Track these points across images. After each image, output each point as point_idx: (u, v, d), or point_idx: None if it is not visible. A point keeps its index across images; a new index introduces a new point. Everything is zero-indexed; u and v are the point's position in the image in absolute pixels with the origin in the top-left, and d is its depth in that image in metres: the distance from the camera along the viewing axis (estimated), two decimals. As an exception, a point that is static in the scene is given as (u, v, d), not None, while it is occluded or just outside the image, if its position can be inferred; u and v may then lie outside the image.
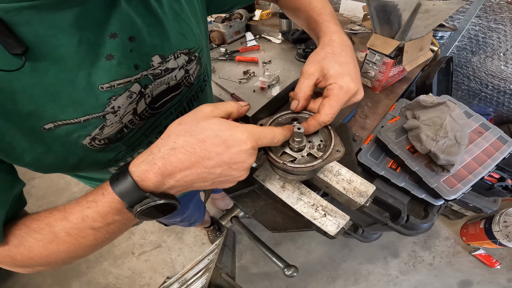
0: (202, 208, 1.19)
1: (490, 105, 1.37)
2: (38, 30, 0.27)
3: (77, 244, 0.32)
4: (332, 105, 0.35)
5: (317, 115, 0.36)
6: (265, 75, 0.88)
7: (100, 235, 0.32)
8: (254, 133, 0.28)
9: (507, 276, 1.42)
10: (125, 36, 0.34)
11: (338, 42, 0.41)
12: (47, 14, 0.27)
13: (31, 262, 0.33)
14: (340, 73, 0.36)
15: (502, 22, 1.10)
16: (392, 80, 0.91)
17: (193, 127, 0.28)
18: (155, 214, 0.30)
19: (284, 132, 0.33)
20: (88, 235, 0.31)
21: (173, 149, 0.27)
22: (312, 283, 1.47)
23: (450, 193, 0.66)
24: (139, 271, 1.57)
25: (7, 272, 1.58)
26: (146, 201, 0.27)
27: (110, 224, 0.31)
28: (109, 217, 0.30)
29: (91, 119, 0.35)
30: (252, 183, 0.46)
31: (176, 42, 0.41)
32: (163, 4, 0.38)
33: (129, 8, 0.34)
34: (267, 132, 0.30)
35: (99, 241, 0.33)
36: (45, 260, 0.33)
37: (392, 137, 0.74)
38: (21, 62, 0.26)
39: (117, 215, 0.30)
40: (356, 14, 1.41)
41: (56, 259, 0.33)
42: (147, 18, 0.37)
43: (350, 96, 0.36)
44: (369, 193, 0.40)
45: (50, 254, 0.32)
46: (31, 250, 0.31)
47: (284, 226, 0.45)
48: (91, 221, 0.30)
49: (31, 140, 0.32)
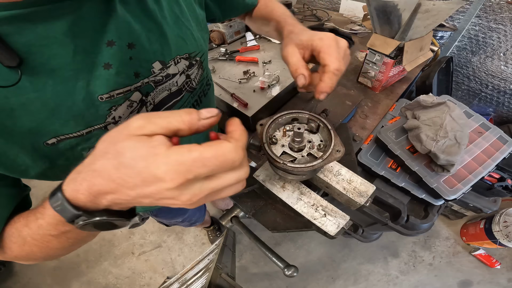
0: (202, 208, 1.20)
1: (490, 105, 1.37)
2: (31, 40, 0.26)
3: (45, 246, 0.31)
4: (330, 52, 0.36)
5: (326, 67, 0.36)
6: (265, 75, 0.88)
7: (63, 240, 0.31)
8: (180, 165, 0.19)
9: (507, 276, 1.42)
10: (124, 44, 0.33)
11: (295, 29, 0.46)
12: (39, 23, 0.26)
13: (18, 259, 0.34)
14: (312, 34, 0.39)
15: (502, 22, 1.10)
16: (392, 80, 0.91)
17: (110, 148, 0.21)
18: (107, 227, 0.27)
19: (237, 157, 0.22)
20: (51, 241, 0.30)
21: (94, 171, 0.22)
22: (312, 283, 1.47)
23: (450, 193, 0.66)
24: (139, 271, 1.57)
25: (7, 272, 1.59)
26: (82, 218, 0.24)
27: (66, 233, 0.29)
28: (60, 227, 0.28)
29: (93, 131, 0.34)
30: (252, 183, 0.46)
31: (176, 47, 0.40)
32: (163, 7, 0.37)
33: (127, 13, 0.33)
34: (207, 158, 0.20)
35: (67, 245, 0.32)
36: (28, 258, 0.34)
37: (392, 137, 0.74)
38: (17, 76, 0.25)
39: (66, 226, 0.27)
40: (356, 14, 1.41)
41: (37, 257, 0.34)
42: (146, 23, 0.36)
43: (334, 40, 0.37)
44: (369, 193, 0.40)
45: (28, 254, 0.33)
46: (13, 251, 0.33)
47: (284, 226, 0.45)
48: (46, 229, 0.29)
49: (34, 157, 0.31)
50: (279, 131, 0.41)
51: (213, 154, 0.20)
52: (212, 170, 0.20)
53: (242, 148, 0.22)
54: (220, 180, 0.22)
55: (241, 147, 0.22)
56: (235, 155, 0.21)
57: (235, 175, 0.22)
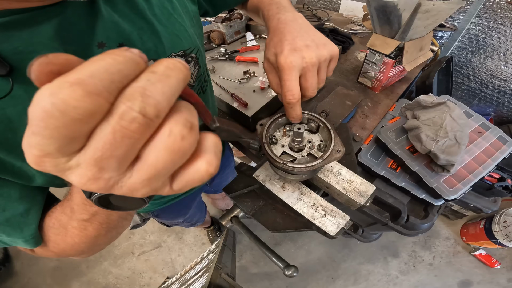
0: (203, 208, 1.20)
1: (490, 105, 1.37)
2: (18, 47, 0.26)
3: (84, 236, 0.32)
4: (283, 84, 0.35)
5: (283, 98, 0.36)
6: (265, 75, 0.88)
7: (96, 226, 0.31)
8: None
9: (507, 276, 1.42)
10: (114, 45, 0.33)
11: (273, 26, 0.42)
12: (24, 29, 0.26)
13: (66, 253, 0.35)
14: (275, 57, 0.37)
15: (502, 22, 1.10)
16: (392, 80, 0.91)
17: None
18: (118, 207, 0.25)
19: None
20: (86, 227, 0.31)
21: None
22: (312, 283, 1.47)
23: (450, 193, 0.66)
24: (139, 271, 1.57)
25: (7, 272, 1.59)
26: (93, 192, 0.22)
27: (96, 215, 0.30)
28: (88, 208, 0.29)
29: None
30: (252, 183, 0.46)
31: (170, 44, 0.40)
32: (152, 5, 0.37)
33: (114, 13, 0.33)
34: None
35: (102, 232, 0.33)
36: (74, 250, 0.35)
37: (392, 137, 0.74)
38: (9, 85, 0.25)
39: (93, 206, 0.28)
40: (356, 14, 1.41)
41: (81, 248, 0.35)
42: (136, 22, 0.35)
43: (287, 69, 0.35)
44: (369, 193, 0.40)
45: (73, 246, 0.34)
46: (59, 244, 0.34)
47: (284, 226, 0.45)
48: (78, 213, 0.30)
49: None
50: (279, 131, 0.41)
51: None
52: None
53: (82, 82, 0.11)
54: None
55: (74, 83, 0.11)
56: (73, 93, 0.11)
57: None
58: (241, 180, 0.48)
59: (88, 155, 0.12)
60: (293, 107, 0.36)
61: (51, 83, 0.11)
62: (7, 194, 0.30)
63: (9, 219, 0.30)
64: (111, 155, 0.12)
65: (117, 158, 0.13)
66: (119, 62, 0.12)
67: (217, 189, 0.97)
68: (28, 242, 0.32)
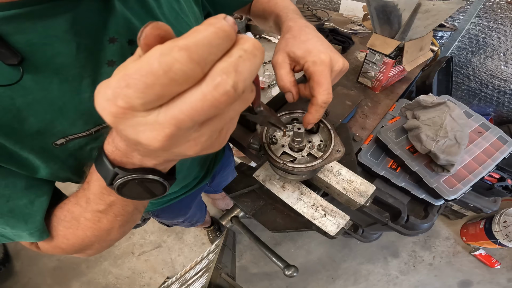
0: (203, 208, 1.20)
1: (490, 105, 1.37)
2: (32, 39, 0.26)
3: (97, 228, 0.32)
4: (319, 81, 0.33)
5: (313, 99, 0.34)
6: (265, 75, 0.88)
7: (111, 218, 0.31)
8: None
9: (507, 276, 1.42)
10: (124, 40, 0.33)
11: (295, 26, 0.41)
12: (39, 22, 0.26)
13: (74, 248, 0.34)
14: (306, 51, 0.36)
15: (502, 22, 1.10)
16: (392, 80, 0.91)
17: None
18: (139, 194, 0.26)
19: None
20: (101, 219, 0.31)
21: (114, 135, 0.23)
22: (312, 283, 1.47)
23: (450, 193, 0.66)
24: (139, 271, 1.57)
25: (7, 272, 1.59)
26: (118, 176, 0.23)
27: (112, 206, 0.30)
28: (105, 198, 0.29)
29: (102, 129, 0.34)
30: (252, 183, 0.46)
31: None
32: (161, 4, 0.37)
33: (126, 10, 0.33)
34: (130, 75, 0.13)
35: (116, 224, 0.32)
36: (83, 246, 0.34)
37: (392, 137, 0.74)
38: (19, 74, 0.25)
39: (110, 195, 0.28)
40: (356, 14, 1.41)
41: (91, 242, 0.34)
42: (146, 20, 0.36)
43: (328, 66, 0.34)
44: (369, 193, 0.40)
45: (83, 240, 0.33)
46: (68, 238, 0.33)
47: (284, 226, 0.45)
48: (94, 203, 0.29)
49: (44, 158, 0.31)
50: (279, 131, 0.41)
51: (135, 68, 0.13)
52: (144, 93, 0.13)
53: (188, 48, 0.12)
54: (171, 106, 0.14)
55: (182, 49, 0.12)
56: (179, 57, 0.12)
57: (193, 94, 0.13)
58: (241, 180, 0.48)
59: (171, 114, 0.13)
60: (324, 107, 0.34)
61: (163, 45, 0.12)
62: (12, 185, 0.30)
63: (13, 209, 0.30)
64: (192, 119, 0.13)
65: (195, 122, 0.14)
66: (219, 36, 0.13)
67: (217, 189, 0.97)
68: (33, 235, 0.32)
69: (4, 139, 0.27)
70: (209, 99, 0.13)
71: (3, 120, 0.26)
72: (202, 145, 0.17)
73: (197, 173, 0.73)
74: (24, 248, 1.65)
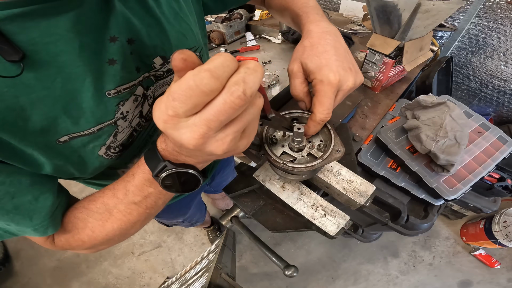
0: (203, 208, 1.20)
1: (490, 105, 1.37)
2: (35, 38, 0.26)
3: (126, 220, 0.35)
4: (321, 101, 0.34)
5: (312, 115, 0.35)
6: (265, 75, 0.88)
7: (141, 210, 0.35)
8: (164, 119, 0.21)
9: (507, 276, 1.42)
10: (124, 39, 0.34)
11: (316, 31, 0.39)
12: (42, 20, 0.26)
13: (95, 242, 0.36)
14: (317, 66, 0.35)
15: (502, 22, 1.10)
16: (392, 80, 0.91)
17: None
18: (178, 186, 0.31)
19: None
20: (132, 211, 0.34)
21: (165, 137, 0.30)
22: (312, 283, 1.47)
23: (450, 193, 0.66)
24: (139, 271, 1.57)
25: (7, 272, 1.59)
26: (166, 168, 0.28)
27: (147, 198, 0.34)
28: (145, 189, 0.33)
29: (104, 127, 0.35)
30: (252, 183, 0.46)
31: (176, 42, 0.41)
32: (161, 4, 0.38)
33: (126, 9, 0.34)
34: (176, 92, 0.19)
35: (142, 217, 0.36)
36: (105, 239, 0.37)
37: (392, 137, 0.74)
38: (20, 69, 0.26)
39: (150, 187, 0.32)
40: (356, 14, 1.41)
41: (113, 236, 0.37)
42: (146, 19, 0.36)
43: (334, 87, 0.34)
44: (369, 193, 0.40)
45: (108, 233, 0.36)
46: (94, 231, 0.35)
47: (284, 226, 0.45)
48: (132, 195, 0.33)
49: (48, 155, 0.32)
50: (279, 131, 0.41)
51: (179, 87, 0.18)
52: (186, 104, 0.18)
53: (210, 70, 0.18)
54: (205, 111, 0.19)
55: (206, 70, 0.18)
56: (205, 77, 0.18)
57: (218, 101, 0.19)
58: (241, 180, 0.48)
59: (203, 117, 0.19)
60: (321, 124, 0.35)
61: (194, 70, 0.18)
62: (17, 181, 0.30)
63: (18, 206, 0.30)
64: (218, 119, 0.19)
65: (221, 122, 0.19)
66: (229, 60, 0.19)
67: (217, 189, 0.97)
68: (37, 231, 0.32)
69: (9, 137, 0.28)
70: (228, 102, 0.18)
71: (8, 118, 0.27)
72: (228, 144, 0.22)
73: (197, 173, 0.73)
74: (24, 248, 1.65)
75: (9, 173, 0.29)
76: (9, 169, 0.29)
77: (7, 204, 0.30)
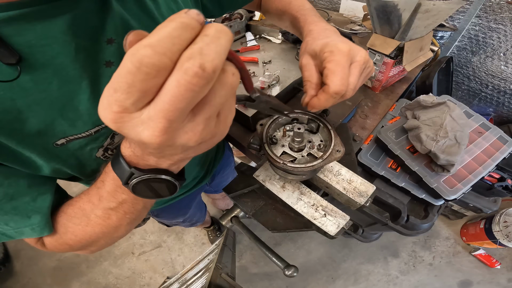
0: (203, 208, 1.20)
1: (490, 105, 1.37)
2: (31, 40, 0.26)
3: (106, 225, 0.33)
4: (334, 70, 0.31)
5: (325, 87, 0.32)
6: (265, 75, 0.88)
7: (120, 215, 0.32)
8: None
9: (507, 276, 1.42)
10: (122, 41, 0.34)
11: (316, 30, 0.41)
12: (37, 23, 0.26)
13: (81, 244, 0.35)
14: (324, 43, 0.34)
15: (502, 22, 1.10)
16: (392, 80, 0.91)
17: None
18: (151, 194, 0.27)
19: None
20: (110, 215, 0.32)
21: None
22: (312, 283, 1.47)
23: (450, 193, 0.66)
24: (139, 271, 1.57)
25: (7, 272, 1.59)
26: (134, 176, 0.25)
27: (123, 204, 0.31)
28: (118, 196, 0.30)
29: (101, 129, 0.35)
30: (252, 183, 0.46)
31: None
32: (160, 5, 0.38)
33: (124, 11, 0.33)
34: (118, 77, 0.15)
35: (124, 222, 0.34)
36: (90, 242, 0.35)
37: (392, 137, 0.74)
38: (17, 73, 0.26)
39: (123, 193, 0.30)
40: (356, 14, 1.41)
41: (98, 239, 0.35)
42: (144, 21, 0.36)
43: (346, 55, 0.32)
44: (369, 193, 0.40)
45: (91, 236, 0.34)
46: (76, 235, 0.34)
47: (284, 226, 0.45)
48: (106, 201, 0.31)
49: (46, 157, 0.32)
50: (279, 131, 0.41)
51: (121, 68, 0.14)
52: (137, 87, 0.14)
53: (150, 44, 0.14)
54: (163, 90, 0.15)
55: (146, 45, 0.14)
56: (144, 54, 0.14)
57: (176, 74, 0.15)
58: (241, 180, 0.48)
59: (157, 108, 0.15)
60: (335, 98, 0.32)
61: (132, 47, 0.14)
62: (15, 183, 0.30)
63: (16, 207, 0.31)
64: (176, 108, 0.15)
65: (181, 110, 0.15)
66: (179, 28, 0.14)
67: (217, 189, 0.97)
68: (35, 230, 0.33)
69: (7, 140, 0.28)
70: (183, 84, 0.14)
71: (5, 121, 0.27)
72: (201, 134, 0.18)
73: (196, 173, 0.73)
74: (24, 248, 1.65)
75: (7, 175, 0.30)
76: (7, 171, 0.30)
77: (5, 205, 0.30)
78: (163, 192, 0.28)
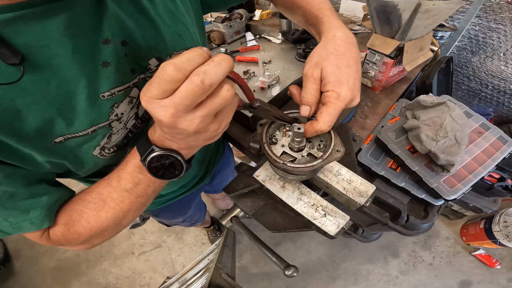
0: (203, 208, 1.20)
1: (490, 105, 1.37)
2: (29, 41, 0.26)
3: (119, 209, 0.37)
4: (330, 113, 0.34)
5: (315, 123, 0.35)
6: (265, 75, 0.88)
7: (133, 198, 0.37)
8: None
9: (507, 276, 1.42)
10: (118, 41, 0.34)
11: (342, 38, 0.38)
12: (34, 24, 0.26)
13: (91, 233, 0.38)
14: (338, 80, 0.35)
15: (502, 22, 1.10)
16: (392, 80, 0.91)
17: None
18: (163, 171, 0.33)
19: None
20: (124, 199, 0.37)
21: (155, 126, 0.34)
22: (312, 283, 1.47)
23: (450, 193, 0.66)
24: (139, 271, 1.57)
25: (7, 272, 1.59)
26: (152, 151, 0.31)
27: (137, 185, 0.36)
28: (135, 176, 0.35)
29: (98, 129, 0.35)
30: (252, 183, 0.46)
31: (172, 43, 0.40)
32: (156, 5, 0.37)
33: (120, 11, 0.33)
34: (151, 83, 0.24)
35: (134, 206, 0.38)
36: (100, 229, 0.38)
37: (392, 137, 0.74)
38: (20, 73, 0.26)
39: (140, 173, 0.35)
40: (356, 14, 1.41)
41: (107, 226, 0.38)
42: (140, 20, 0.36)
43: (346, 104, 0.35)
44: (369, 193, 0.40)
45: (102, 222, 0.37)
46: (89, 221, 0.37)
47: (284, 226, 0.45)
48: (124, 182, 0.36)
49: (45, 155, 0.32)
50: (279, 131, 0.41)
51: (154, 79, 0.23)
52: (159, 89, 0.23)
53: (174, 63, 0.22)
54: (177, 92, 0.23)
55: (171, 63, 0.22)
56: (168, 69, 0.22)
57: (189, 82, 0.22)
58: (241, 180, 0.48)
59: (171, 100, 0.23)
60: (318, 133, 0.36)
61: (164, 63, 0.22)
62: (15, 181, 0.31)
63: (16, 203, 0.32)
64: (183, 103, 0.23)
65: (186, 106, 0.23)
66: (194, 55, 0.23)
67: (217, 189, 0.97)
68: (34, 224, 0.33)
69: (7, 138, 0.28)
70: (189, 90, 0.22)
71: (5, 120, 0.27)
72: (197, 125, 0.26)
73: (196, 172, 0.73)
74: (24, 248, 1.65)
75: (7, 173, 0.30)
76: (6, 170, 0.30)
77: (5, 202, 0.31)
78: (172, 172, 0.34)
